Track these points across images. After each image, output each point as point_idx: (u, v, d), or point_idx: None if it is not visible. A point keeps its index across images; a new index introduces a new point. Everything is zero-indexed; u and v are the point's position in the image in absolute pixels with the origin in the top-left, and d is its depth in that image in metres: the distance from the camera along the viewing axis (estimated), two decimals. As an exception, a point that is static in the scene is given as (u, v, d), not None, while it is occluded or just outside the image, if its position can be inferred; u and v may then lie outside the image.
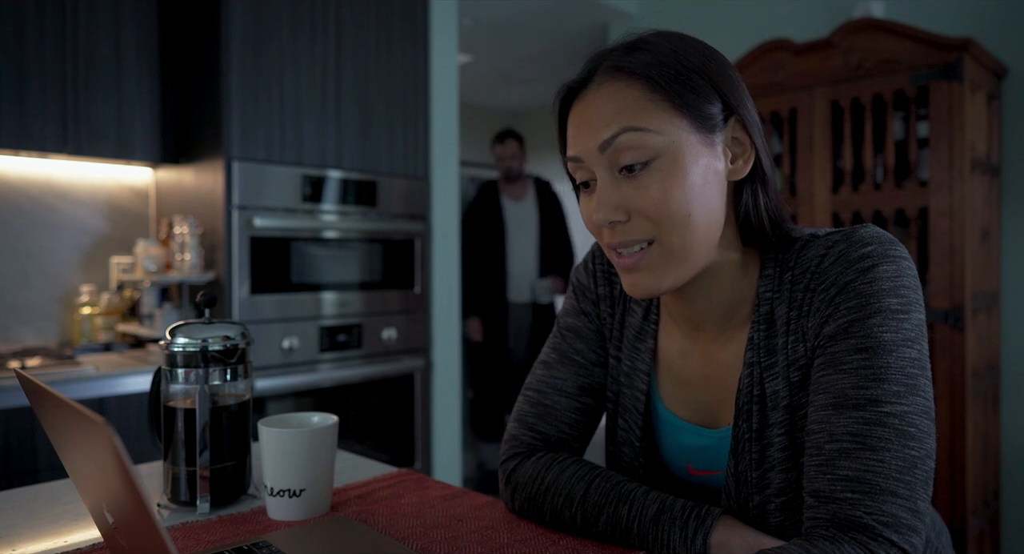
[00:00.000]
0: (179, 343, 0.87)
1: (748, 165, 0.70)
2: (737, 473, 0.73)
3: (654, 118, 0.66)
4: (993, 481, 2.39)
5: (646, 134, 0.65)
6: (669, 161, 0.66)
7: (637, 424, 0.81)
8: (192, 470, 0.85)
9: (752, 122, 0.70)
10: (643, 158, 0.66)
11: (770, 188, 0.71)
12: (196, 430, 0.85)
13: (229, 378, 0.88)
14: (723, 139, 0.69)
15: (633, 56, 0.68)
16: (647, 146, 0.66)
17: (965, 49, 2.10)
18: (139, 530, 0.44)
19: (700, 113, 0.67)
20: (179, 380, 0.87)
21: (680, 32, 0.71)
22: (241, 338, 0.90)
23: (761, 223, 0.71)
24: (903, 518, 0.59)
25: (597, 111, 0.68)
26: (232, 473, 0.88)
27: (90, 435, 0.43)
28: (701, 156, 0.67)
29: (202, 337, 0.87)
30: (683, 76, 0.67)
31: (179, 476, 0.86)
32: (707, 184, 0.67)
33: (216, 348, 0.87)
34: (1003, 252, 2.45)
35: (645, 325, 0.82)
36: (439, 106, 2.74)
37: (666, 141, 0.66)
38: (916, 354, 0.64)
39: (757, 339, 0.72)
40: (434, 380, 2.68)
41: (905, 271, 0.66)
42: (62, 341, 2.25)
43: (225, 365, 0.88)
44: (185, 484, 0.86)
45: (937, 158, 2.15)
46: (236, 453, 0.88)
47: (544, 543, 0.74)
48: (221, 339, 0.88)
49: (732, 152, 0.70)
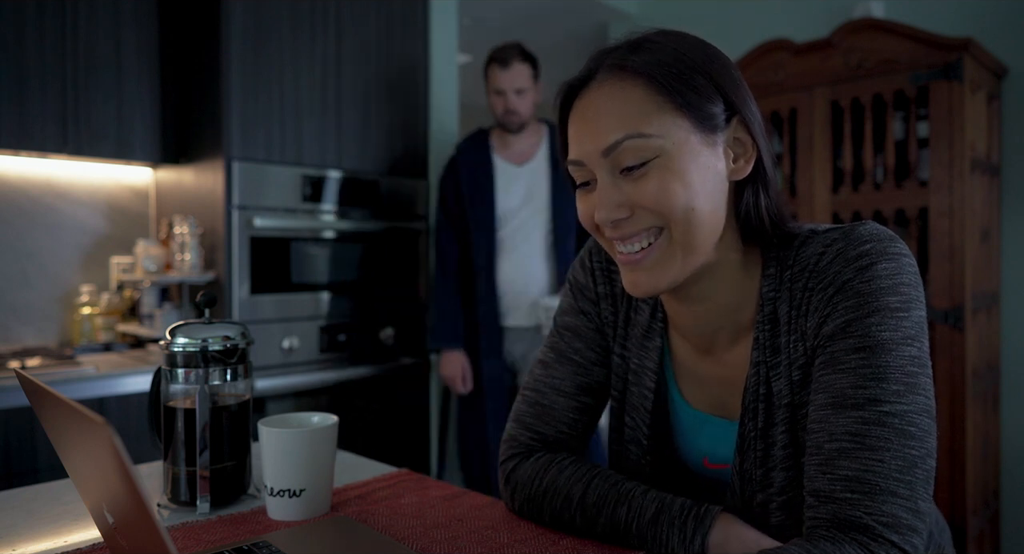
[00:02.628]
0: (179, 343, 0.87)
1: (750, 165, 0.70)
2: (742, 470, 0.73)
3: (656, 121, 0.66)
4: (993, 481, 2.39)
5: (649, 139, 0.66)
6: (668, 159, 0.66)
7: (645, 422, 0.81)
8: (192, 470, 0.85)
9: (755, 122, 0.70)
10: (644, 159, 0.66)
11: (771, 188, 0.71)
12: (196, 430, 0.85)
13: (229, 378, 0.88)
14: (725, 139, 0.69)
15: (635, 55, 0.68)
16: (649, 149, 0.66)
17: (965, 49, 2.10)
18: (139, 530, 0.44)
19: (702, 113, 0.67)
20: (179, 380, 0.87)
21: (683, 31, 0.71)
22: (241, 338, 0.90)
23: (761, 223, 0.71)
24: (903, 518, 0.59)
25: (598, 111, 0.68)
26: (232, 473, 0.88)
27: (90, 435, 0.43)
28: (701, 155, 0.67)
29: (202, 337, 0.87)
30: (685, 76, 0.66)
31: (179, 476, 0.86)
32: (707, 182, 0.67)
33: (216, 348, 0.87)
34: (1003, 252, 2.45)
35: (653, 323, 0.82)
36: (439, 106, 2.74)
37: (667, 143, 0.66)
38: (916, 352, 0.64)
39: (763, 339, 0.72)
40: (434, 380, 2.68)
41: (905, 268, 0.66)
42: (62, 341, 2.25)
43: (225, 365, 0.88)
44: (185, 484, 0.86)
45: (937, 158, 2.15)
46: (236, 453, 0.89)
47: (544, 543, 0.74)
48: (221, 339, 0.88)
49: (734, 152, 0.70)
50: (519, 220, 2.39)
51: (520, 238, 2.38)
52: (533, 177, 2.40)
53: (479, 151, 2.42)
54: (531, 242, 2.38)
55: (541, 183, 2.39)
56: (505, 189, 2.39)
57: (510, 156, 2.42)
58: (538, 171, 2.39)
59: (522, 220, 2.39)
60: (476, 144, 2.44)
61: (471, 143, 2.45)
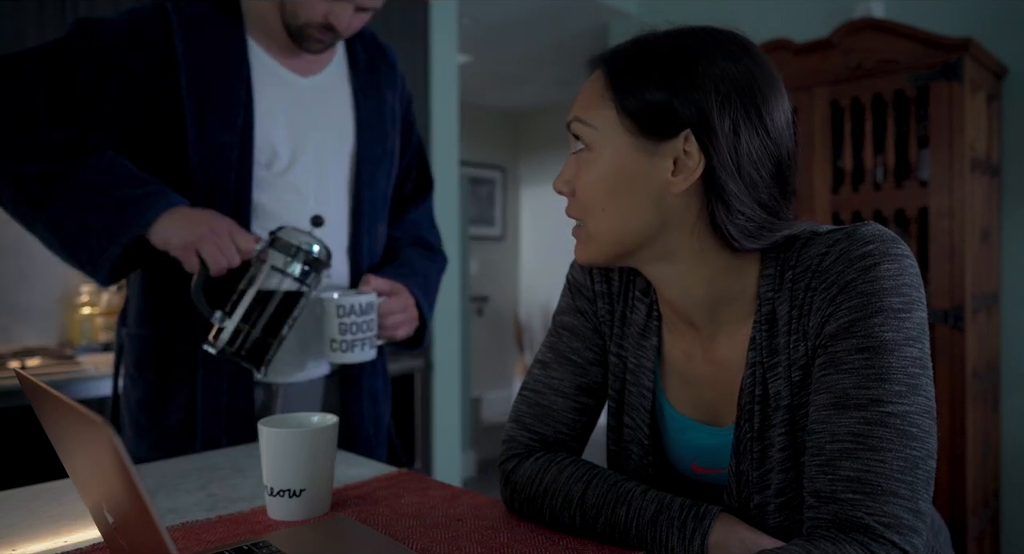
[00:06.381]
0: (283, 232, 1.08)
1: (688, 182, 0.68)
2: (739, 472, 0.73)
3: (596, 114, 0.71)
4: (993, 481, 2.39)
5: (587, 127, 0.72)
6: (597, 154, 0.71)
7: (645, 422, 0.81)
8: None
9: (719, 140, 0.66)
10: (584, 144, 0.72)
11: (731, 204, 0.68)
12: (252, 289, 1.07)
13: (298, 274, 1.09)
14: (671, 149, 0.68)
15: (621, 53, 0.72)
16: (586, 136, 0.72)
17: (965, 49, 2.10)
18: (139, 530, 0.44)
19: (644, 120, 0.68)
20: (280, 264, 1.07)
21: (703, 39, 0.71)
22: (323, 253, 1.11)
23: (726, 233, 0.69)
24: (904, 519, 0.59)
25: (579, 93, 0.75)
26: (259, 340, 1.08)
27: (90, 435, 0.43)
28: (633, 160, 0.69)
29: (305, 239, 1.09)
30: (641, 85, 0.68)
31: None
32: (632, 186, 0.70)
33: (310, 249, 1.09)
34: (1003, 252, 2.46)
35: (649, 322, 0.82)
36: (439, 106, 2.74)
37: (600, 136, 0.71)
38: (918, 353, 0.64)
39: (759, 339, 0.72)
40: (434, 380, 2.68)
41: (907, 269, 0.66)
42: (62, 341, 2.25)
43: (305, 265, 1.08)
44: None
45: (937, 158, 2.15)
46: (270, 327, 1.08)
47: (543, 543, 0.74)
48: (316, 244, 1.10)
49: (677, 165, 0.68)
50: (296, 172, 1.47)
51: (297, 202, 1.44)
52: (327, 99, 1.32)
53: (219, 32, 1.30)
54: (318, 201, 1.35)
55: (341, 109, 1.31)
56: (273, 112, 1.38)
57: (283, 55, 1.27)
58: (338, 91, 1.31)
59: (302, 170, 1.30)
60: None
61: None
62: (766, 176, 0.69)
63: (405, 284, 1.27)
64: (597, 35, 3.78)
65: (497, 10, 3.49)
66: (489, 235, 5.78)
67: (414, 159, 1.46)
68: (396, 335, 1.25)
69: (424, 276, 1.35)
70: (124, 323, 1.24)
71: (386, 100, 1.34)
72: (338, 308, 1.12)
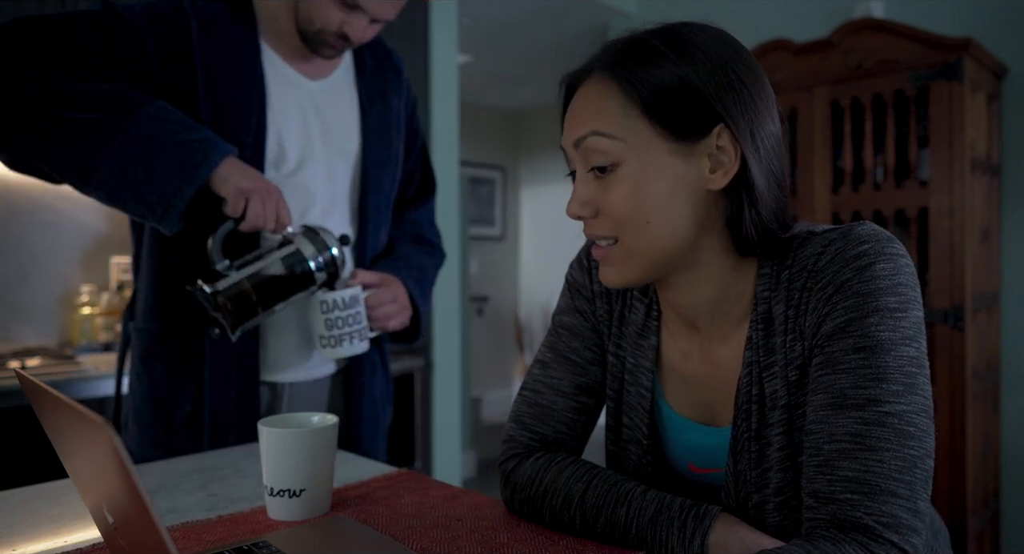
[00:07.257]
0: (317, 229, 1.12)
1: (728, 177, 0.68)
2: (736, 472, 0.73)
3: (620, 125, 0.68)
4: (993, 481, 2.39)
5: (611, 140, 0.68)
6: (633, 168, 0.68)
7: (643, 422, 0.81)
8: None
9: (744, 132, 0.67)
10: (609, 161, 0.68)
11: (760, 200, 0.69)
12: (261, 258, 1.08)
13: (315, 268, 1.11)
14: (705, 147, 0.68)
15: (626, 57, 0.69)
16: (611, 151, 0.68)
17: (965, 49, 2.10)
18: (139, 530, 0.44)
19: (675, 123, 0.67)
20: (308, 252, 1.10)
21: (694, 28, 0.70)
22: (342, 263, 1.14)
23: (748, 233, 0.70)
24: (903, 518, 0.59)
25: (581, 107, 0.71)
26: (249, 303, 1.07)
27: (90, 435, 0.43)
28: (669, 165, 0.67)
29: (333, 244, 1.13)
30: (665, 86, 0.66)
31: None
32: (674, 193, 0.68)
33: (335, 254, 1.13)
34: (1003, 252, 2.46)
35: (648, 322, 0.82)
36: (439, 106, 2.74)
37: (630, 148, 0.67)
38: (914, 353, 0.64)
39: (756, 339, 0.72)
40: (434, 380, 2.68)
41: (902, 268, 0.66)
42: (62, 341, 2.25)
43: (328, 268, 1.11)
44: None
45: (937, 158, 2.15)
46: (266, 297, 1.09)
47: (543, 543, 0.74)
48: (338, 245, 1.14)
49: (712, 162, 0.68)
50: (304, 175, 1.64)
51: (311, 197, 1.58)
52: (335, 103, 1.35)
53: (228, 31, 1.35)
54: (323, 200, 1.40)
55: (347, 111, 1.34)
56: (285, 116, 1.47)
57: (297, 61, 1.29)
58: (342, 95, 1.33)
59: (309, 173, 1.45)
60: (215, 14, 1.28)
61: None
62: (781, 169, 0.70)
63: (398, 275, 1.27)
64: (597, 35, 3.78)
65: (497, 10, 3.49)
66: (489, 235, 5.78)
67: (418, 162, 1.47)
68: (388, 326, 1.25)
69: (419, 269, 1.35)
70: (131, 318, 1.23)
71: (392, 105, 1.35)
72: (321, 304, 1.13)
